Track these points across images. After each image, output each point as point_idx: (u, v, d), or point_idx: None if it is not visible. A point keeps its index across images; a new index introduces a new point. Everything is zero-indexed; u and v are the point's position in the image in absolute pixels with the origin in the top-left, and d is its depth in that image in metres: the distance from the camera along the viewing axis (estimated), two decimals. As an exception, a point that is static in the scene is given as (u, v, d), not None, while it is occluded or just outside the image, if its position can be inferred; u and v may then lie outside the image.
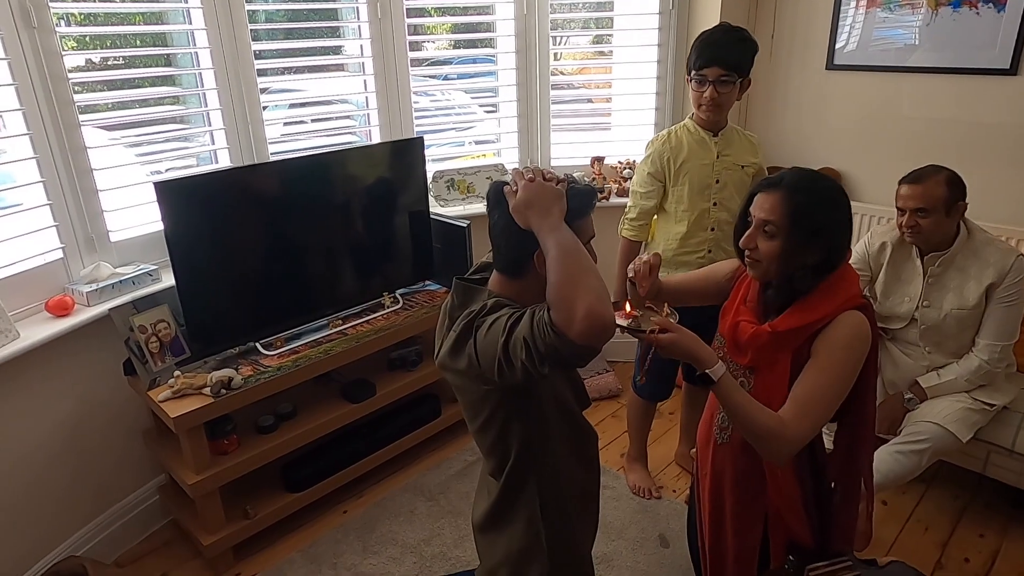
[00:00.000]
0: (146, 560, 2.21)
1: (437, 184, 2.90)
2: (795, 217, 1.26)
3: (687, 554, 1.83)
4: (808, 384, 1.27)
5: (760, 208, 1.29)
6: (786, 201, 1.26)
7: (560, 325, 0.98)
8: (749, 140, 2.19)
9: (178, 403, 1.96)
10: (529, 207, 1.11)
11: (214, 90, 2.32)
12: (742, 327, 1.38)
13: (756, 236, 1.30)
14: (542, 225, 1.08)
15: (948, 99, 2.65)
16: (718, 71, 1.94)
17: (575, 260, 1.03)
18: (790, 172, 1.32)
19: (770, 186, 1.30)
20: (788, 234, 1.27)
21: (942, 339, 2.16)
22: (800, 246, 1.27)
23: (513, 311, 1.09)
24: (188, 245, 2.00)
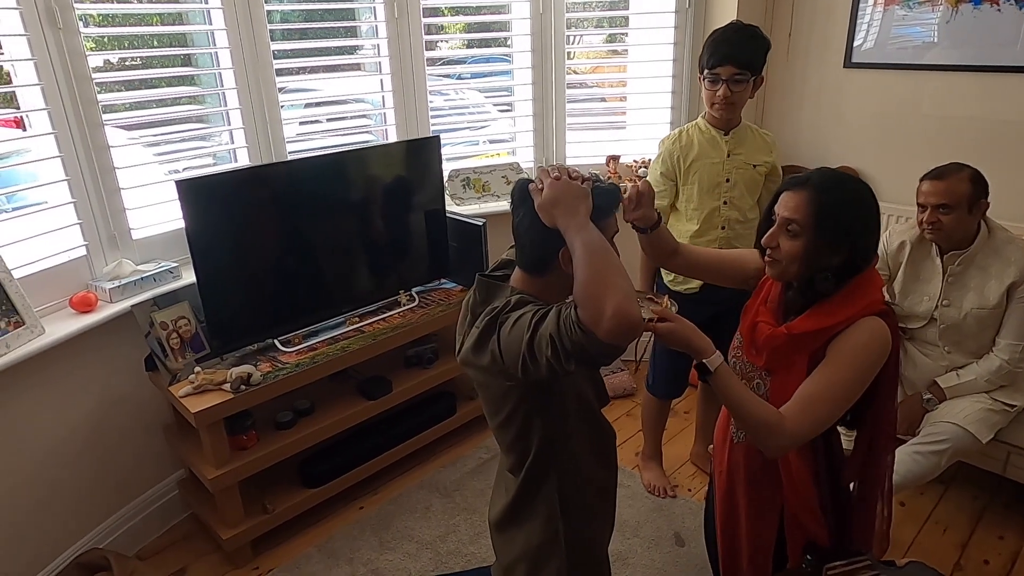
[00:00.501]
0: (166, 553, 2.25)
1: (453, 183, 2.92)
2: (819, 217, 1.23)
3: (702, 553, 1.83)
4: (814, 383, 1.26)
5: (785, 207, 1.27)
6: (811, 200, 1.24)
7: (587, 323, 0.99)
8: (763, 138, 2.18)
9: (198, 398, 1.99)
10: (555, 206, 1.11)
11: (233, 89, 2.34)
12: (760, 328, 1.37)
13: (778, 235, 1.28)
14: (569, 224, 1.09)
15: (968, 97, 2.63)
16: (731, 70, 1.93)
17: (603, 259, 1.04)
18: (818, 172, 1.30)
19: (796, 185, 1.28)
20: (811, 234, 1.24)
21: (962, 339, 2.14)
22: (823, 247, 1.25)
23: (538, 308, 1.10)
24: (208, 243, 2.03)
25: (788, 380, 1.32)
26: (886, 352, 1.27)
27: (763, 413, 1.23)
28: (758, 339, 1.36)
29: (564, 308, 1.04)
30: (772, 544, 1.46)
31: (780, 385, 1.34)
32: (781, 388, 1.33)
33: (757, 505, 1.47)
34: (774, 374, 1.36)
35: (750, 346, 1.40)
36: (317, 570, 2.13)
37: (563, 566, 1.31)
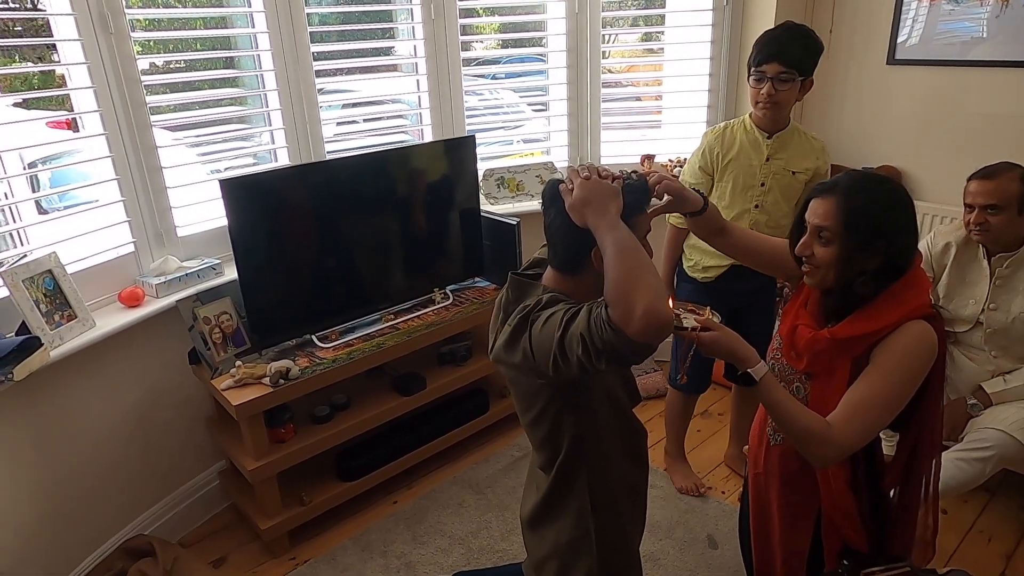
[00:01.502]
0: (207, 541, 2.31)
1: (487, 182, 2.93)
2: (850, 221, 1.21)
3: (736, 555, 1.81)
4: (861, 390, 1.23)
5: (814, 214, 1.26)
6: (840, 205, 1.22)
7: (618, 322, 0.99)
8: (811, 143, 2.09)
9: (239, 392, 2.04)
10: (586, 205, 1.12)
11: (275, 91, 2.40)
12: (800, 331, 1.35)
13: (811, 243, 1.27)
14: (599, 223, 1.09)
15: (1017, 94, 2.54)
16: (777, 67, 1.88)
17: (634, 258, 1.04)
18: (846, 175, 1.28)
19: (824, 191, 1.26)
20: (843, 239, 1.22)
21: (1010, 343, 2.08)
22: (857, 251, 1.22)
23: (569, 306, 1.11)
24: (250, 240, 2.08)
25: (830, 385, 1.30)
26: (933, 357, 1.24)
27: (810, 422, 1.21)
28: (798, 343, 1.34)
29: (595, 307, 1.05)
30: (807, 549, 1.44)
31: (821, 390, 1.32)
32: (822, 393, 1.31)
33: (792, 509, 1.45)
34: (815, 378, 1.33)
35: (790, 349, 1.38)
36: (352, 562, 2.17)
37: (594, 564, 1.31)
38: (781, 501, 1.46)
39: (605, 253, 1.07)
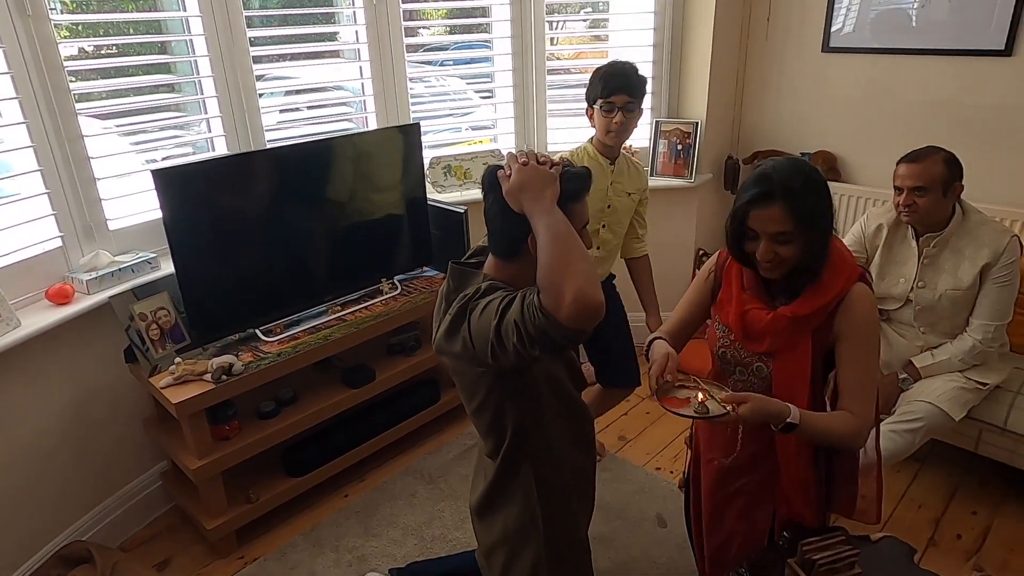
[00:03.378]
0: (151, 545, 2.24)
1: (434, 170, 2.91)
2: (803, 220, 1.26)
3: (684, 533, 1.85)
4: (856, 368, 1.33)
5: (767, 223, 1.28)
6: (791, 208, 1.25)
7: (549, 308, 1.00)
8: (637, 168, 2.24)
9: (179, 389, 1.98)
10: (522, 191, 1.12)
11: (210, 77, 2.32)
12: (754, 315, 1.39)
13: (772, 247, 1.29)
14: (534, 209, 1.10)
15: (945, 81, 2.65)
16: (625, 98, 2.00)
17: (565, 243, 1.04)
18: (773, 173, 1.28)
19: (764, 198, 1.27)
20: (802, 235, 1.27)
21: (937, 319, 2.18)
22: (815, 239, 1.29)
23: (506, 294, 1.11)
24: (187, 232, 2.01)
25: (793, 358, 1.36)
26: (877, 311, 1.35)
27: (844, 426, 1.30)
28: (755, 326, 1.38)
29: (529, 293, 1.05)
30: (768, 529, 1.48)
31: (785, 364, 1.38)
32: (786, 367, 1.37)
33: (752, 492, 1.49)
34: (777, 356, 1.38)
35: (745, 334, 1.41)
36: (302, 558, 2.14)
37: (541, 549, 1.33)
38: (745, 482, 1.50)
39: (538, 239, 1.07)
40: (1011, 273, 2.06)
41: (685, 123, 3.04)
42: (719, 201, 3.38)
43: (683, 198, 3.14)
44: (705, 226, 3.31)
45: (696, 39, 2.99)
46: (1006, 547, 2.11)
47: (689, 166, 3.05)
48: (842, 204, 2.98)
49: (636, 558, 2.10)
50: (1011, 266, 2.05)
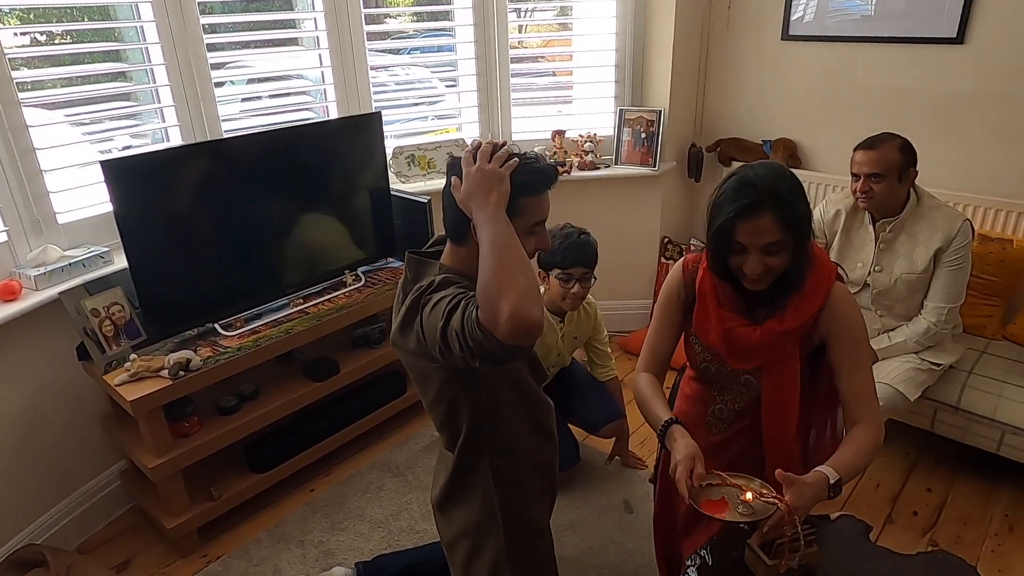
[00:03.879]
0: (110, 545, 2.19)
1: (397, 160, 2.87)
2: (791, 225, 1.22)
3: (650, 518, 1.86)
4: (862, 376, 1.31)
5: (757, 233, 1.22)
6: (781, 215, 1.21)
7: (486, 324, 0.97)
8: (585, 311, 2.28)
9: (135, 386, 1.93)
10: (469, 197, 1.10)
11: (162, 65, 2.25)
12: (739, 333, 1.34)
13: (762, 260, 1.24)
14: (478, 217, 1.08)
15: (900, 68, 2.70)
16: (582, 270, 2.08)
17: (505, 256, 1.02)
18: (756, 180, 1.22)
19: (750, 210, 1.21)
20: (791, 242, 1.23)
21: (893, 303, 2.23)
22: (802, 244, 1.25)
23: (456, 292, 1.08)
24: (140, 225, 1.95)
25: (783, 370, 1.34)
26: None
27: (870, 442, 1.28)
28: (743, 344, 1.33)
29: (470, 304, 1.02)
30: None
31: (774, 377, 1.35)
32: (776, 380, 1.35)
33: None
34: (766, 369, 1.36)
35: (731, 353, 1.36)
36: (267, 554, 2.11)
37: (502, 541, 1.33)
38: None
39: (480, 248, 1.04)
40: (963, 256, 2.11)
41: (649, 111, 3.05)
42: (683, 189, 3.41)
43: (647, 186, 3.16)
44: (670, 214, 3.34)
45: (658, 27, 3.00)
46: (959, 522, 2.18)
47: (653, 154, 3.06)
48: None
49: (604, 544, 2.12)
50: (963, 249, 2.10)
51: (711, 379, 1.45)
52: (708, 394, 1.49)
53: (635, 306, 3.40)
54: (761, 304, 1.33)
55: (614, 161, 3.14)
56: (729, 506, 1.22)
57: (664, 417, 1.37)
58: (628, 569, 2.02)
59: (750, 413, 1.43)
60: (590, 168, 3.05)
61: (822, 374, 1.42)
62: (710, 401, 1.49)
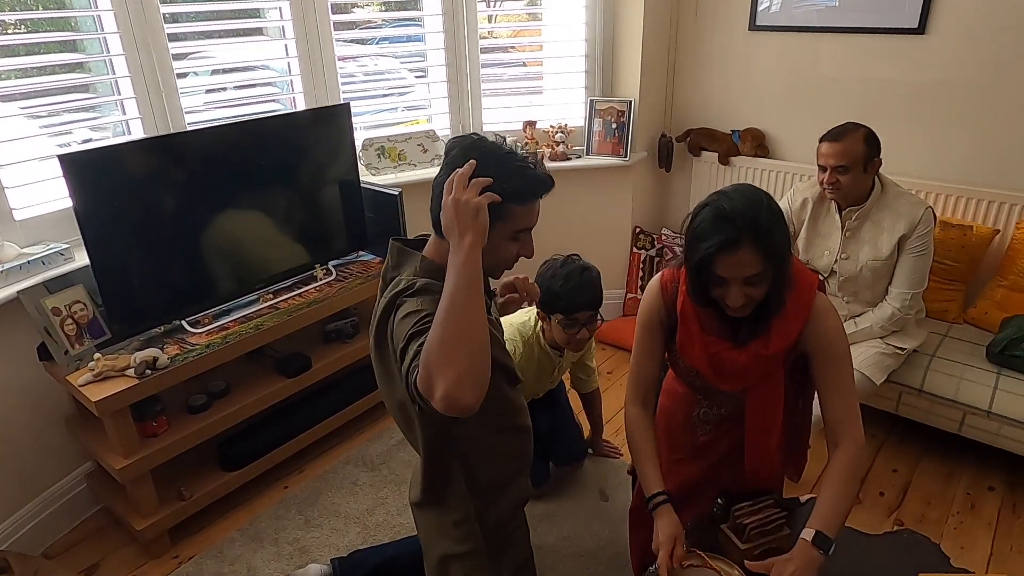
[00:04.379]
0: (77, 549, 2.14)
1: (367, 152, 2.84)
2: (771, 256, 1.20)
3: (626, 506, 1.87)
4: (843, 390, 1.31)
5: (738, 268, 1.20)
6: (761, 249, 1.18)
7: (422, 390, 0.96)
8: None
9: (100, 386, 1.88)
10: (447, 232, 1.07)
11: (121, 56, 2.18)
12: (725, 357, 1.33)
13: (743, 291, 1.23)
14: (451, 258, 1.04)
15: (864, 59, 2.75)
16: (588, 314, 1.95)
17: (457, 320, 0.97)
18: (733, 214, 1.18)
19: (730, 245, 1.18)
20: (771, 272, 1.22)
21: (859, 289, 2.27)
22: (782, 270, 1.24)
23: (420, 319, 1.06)
24: (101, 221, 1.90)
25: (768, 389, 1.35)
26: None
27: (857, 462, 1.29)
28: (729, 367, 1.34)
29: (416, 357, 0.99)
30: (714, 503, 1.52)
31: (760, 394, 1.37)
32: (761, 396, 1.37)
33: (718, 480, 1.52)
34: (752, 390, 1.37)
35: (718, 377, 1.36)
36: (241, 553, 2.08)
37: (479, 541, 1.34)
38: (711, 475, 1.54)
39: (441, 298, 1.01)
40: (926, 243, 2.16)
41: (619, 102, 3.06)
42: (654, 179, 3.43)
43: (619, 176, 3.17)
44: (641, 204, 3.36)
45: (628, 18, 3.00)
46: (923, 501, 2.24)
47: (624, 145, 3.07)
48: (771, 180, 3.06)
49: (580, 533, 2.13)
50: (926, 236, 2.15)
51: (696, 388, 1.47)
52: (694, 398, 1.51)
53: (608, 296, 3.40)
54: (744, 324, 1.32)
55: (585, 152, 3.15)
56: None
57: (655, 488, 1.38)
58: (604, 556, 2.04)
59: (735, 418, 1.45)
60: (561, 159, 3.05)
61: (805, 383, 1.45)
62: (695, 405, 1.51)
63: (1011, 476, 2.32)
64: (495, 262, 1.22)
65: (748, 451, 1.43)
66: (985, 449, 2.28)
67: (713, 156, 3.18)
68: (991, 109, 2.51)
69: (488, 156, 1.14)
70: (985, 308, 2.51)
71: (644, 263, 3.32)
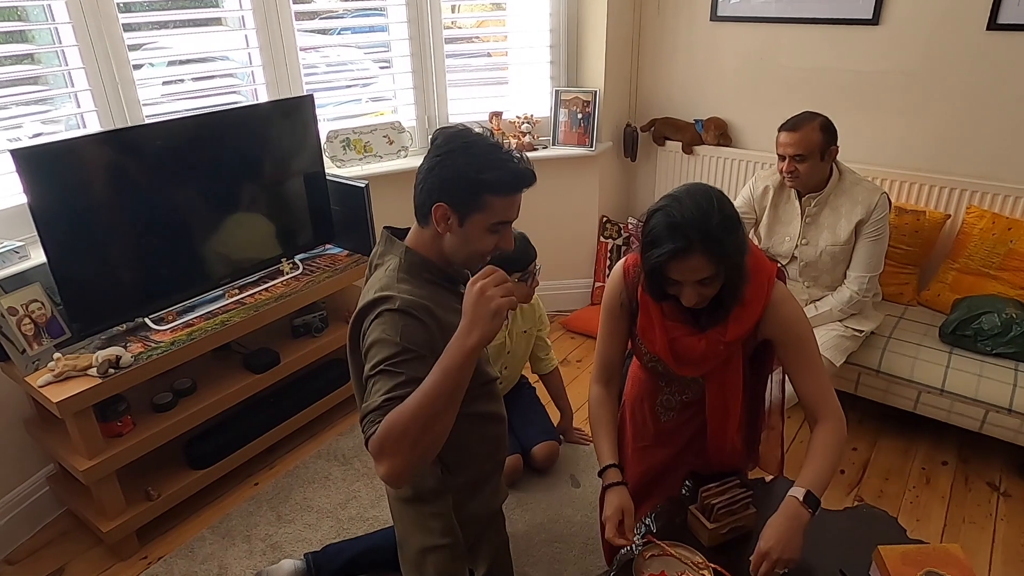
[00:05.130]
0: (41, 553, 2.09)
1: (332, 144, 2.81)
2: (722, 259, 1.22)
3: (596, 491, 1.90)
4: (814, 372, 1.34)
5: (689, 272, 1.22)
6: (711, 254, 1.20)
7: (370, 452, 1.05)
8: (531, 306, 2.28)
9: (61, 387, 1.84)
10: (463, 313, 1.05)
11: (74, 47, 2.12)
12: (684, 343, 1.36)
13: (697, 291, 1.25)
14: (452, 342, 1.04)
15: (821, 48, 2.81)
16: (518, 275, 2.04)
17: (429, 410, 1.01)
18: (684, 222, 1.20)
19: (681, 252, 1.20)
20: (724, 272, 1.24)
21: (819, 274, 2.34)
22: (735, 269, 1.26)
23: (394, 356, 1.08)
24: (58, 217, 1.85)
25: (727, 374, 1.38)
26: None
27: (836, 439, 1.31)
28: (689, 354, 1.36)
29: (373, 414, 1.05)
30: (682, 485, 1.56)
31: (719, 381, 1.40)
32: (720, 383, 1.40)
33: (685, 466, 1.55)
34: (711, 376, 1.39)
35: (677, 362, 1.39)
36: (212, 552, 2.06)
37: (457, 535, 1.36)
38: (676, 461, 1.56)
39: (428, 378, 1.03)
40: (881, 228, 2.23)
41: (585, 92, 3.08)
42: (620, 168, 3.46)
43: (585, 166, 3.19)
44: (607, 194, 3.39)
45: (592, 8, 3.02)
46: (881, 477, 2.32)
47: (590, 135, 3.09)
48: (734, 168, 3.12)
49: (552, 519, 2.16)
50: (881, 221, 2.22)
51: (658, 374, 1.50)
52: (656, 384, 1.53)
53: (576, 285, 3.46)
54: (704, 312, 1.34)
55: (551, 142, 3.16)
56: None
57: (607, 460, 1.42)
58: (577, 541, 2.07)
59: (697, 403, 1.49)
60: (528, 149, 3.06)
61: (764, 368, 1.50)
62: (657, 391, 1.54)
63: (963, 451, 2.42)
64: (471, 253, 1.22)
65: (710, 436, 1.47)
66: (939, 426, 2.38)
67: (677, 145, 3.22)
68: (941, 98, 2.60)
69: (471, 147, 1.15)
70: (938, 290, 2.61)
71: (611, 252, 3.35)
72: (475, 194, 1.13)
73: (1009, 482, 2.28)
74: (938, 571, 1.19)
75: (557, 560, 2.02)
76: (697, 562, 1.28)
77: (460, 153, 1.14)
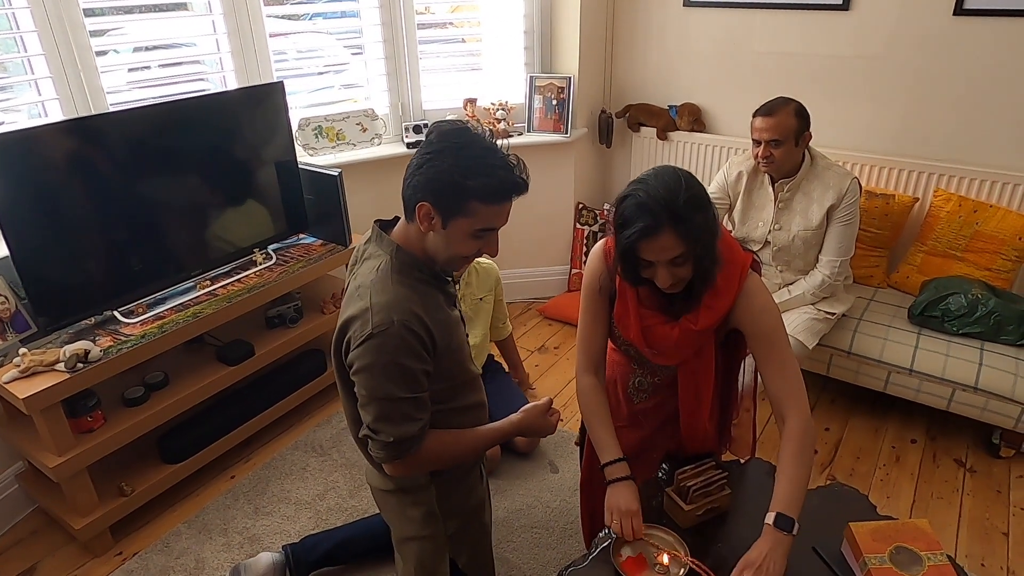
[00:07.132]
0: (11, 553, 2.05)
1: (304, 132, 2.76)
2: (692, 238, 1.22)
3: (575, 476, 1.93)
4: (783, 365, 1.32)
5: (660, 251, 1.23)
6: (681, 232, 1.21)
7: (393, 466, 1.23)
8: (475, 269, 2.32)
9: (27, 382, 1.80)
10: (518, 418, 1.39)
11: (33, 32, 2.06)
12: (658, 331, 1.36)
13: (670, 272, 1.26)
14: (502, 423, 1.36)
15: (793, 34, 2.82)
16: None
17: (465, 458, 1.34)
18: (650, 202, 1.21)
19: (652, 230, 1.21)
20: (695, 253, 1.24)
21: (791, 258, 2.37)
22: (706, 251, 1.26)
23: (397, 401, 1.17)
24: (20, 209, 1.80)
25: (699, 362, 1.39)
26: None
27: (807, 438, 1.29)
28: (662, 342, 1.37)
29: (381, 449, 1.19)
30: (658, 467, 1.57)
31: (691, 369, 1.40)
32: (692, 370, 1.40)
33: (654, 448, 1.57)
34: (684, 364, 1.40)
35: (651, 351, 1.39)
36: (188, 546, 2.04)
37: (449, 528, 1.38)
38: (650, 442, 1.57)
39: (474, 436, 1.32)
40: (852, 213, 2.26)
41: (559, 78, 3.06)
42: (595, 155, 3.46)
43: (560, 153, 3.19)
44: (583, 180, 3.39)
45: (565, -7, 3.00)
46: (853, 456, 2.37)
47: (565, 121, 3.08)
48: (708, 154, 3.14)
49: (531, 504, 2.17)
50: (852, 206, 2.25)
51: (631, 356, 1.51)
52: (629, 367, 1.54)
53: (553, 272, 3.46)
54: (677, 299, 1.35)
55: (526, 129, 3.15)
56: (647, 566, 1.26)
57: (613, 455, 1.40)
58: (556, 527, 2.09)
59: (669, 386, 1.50)
60: (503, 136, 3.04)
61: (737, 355, 1.51)
62: (630, 373, 1.55)
63: (931, 429, 2.48)
64: (452, 256, 1.20)
65: (683, 420, 1.49)
66: (908, 405, 2.43)
67: (652, 131, 3.23)
68: (910, 82, 2.63)
69: (463, 148, 1.12)
70: (907, 272, 2.66)
71: (588, 238, 3.36)
72: (460, 199, 1.11)
73: (975, 458, 2.34)
74: (907, 546, 1.22)
75: (537, 545, 2.03)
76: (672, 543, 1.30)
77: (450, 154, 1.11)
